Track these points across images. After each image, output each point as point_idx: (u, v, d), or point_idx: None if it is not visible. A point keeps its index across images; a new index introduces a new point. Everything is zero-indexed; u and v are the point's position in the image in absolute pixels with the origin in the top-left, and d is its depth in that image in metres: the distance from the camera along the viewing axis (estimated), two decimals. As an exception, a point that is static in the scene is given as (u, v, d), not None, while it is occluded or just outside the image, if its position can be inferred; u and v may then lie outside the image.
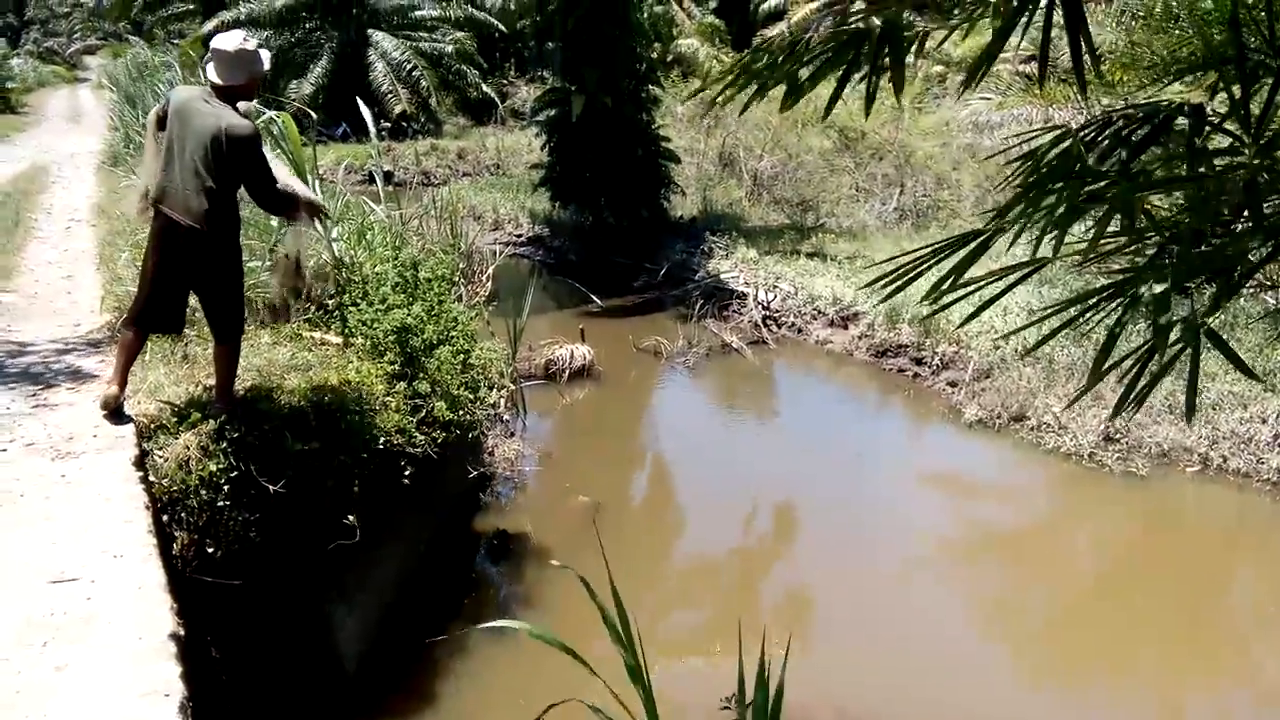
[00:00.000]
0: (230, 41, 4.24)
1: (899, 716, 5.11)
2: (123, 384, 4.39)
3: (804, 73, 2.17)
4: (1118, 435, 7.97)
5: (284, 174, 4.72)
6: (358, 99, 7.40)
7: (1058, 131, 2.23)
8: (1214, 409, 8.02)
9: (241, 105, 4.33)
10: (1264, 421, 7.89)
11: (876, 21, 2.06)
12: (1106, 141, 2.27)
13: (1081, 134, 2.27)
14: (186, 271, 4.32)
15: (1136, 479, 7.62)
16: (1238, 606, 6.67)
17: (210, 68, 4.26)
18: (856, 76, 2.16)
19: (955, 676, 5.38)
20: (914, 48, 2.18)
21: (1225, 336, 2.18)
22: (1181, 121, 2.21)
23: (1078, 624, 6.14)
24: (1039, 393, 8.64)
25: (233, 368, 4.55)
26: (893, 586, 6.30)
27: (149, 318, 4.38)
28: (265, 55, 4.38)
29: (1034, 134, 2.40)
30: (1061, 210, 1.93)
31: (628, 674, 3.18)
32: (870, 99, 2.21)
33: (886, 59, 2.10)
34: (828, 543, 7.08)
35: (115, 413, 4.34)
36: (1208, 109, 2.22)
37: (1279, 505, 7.29)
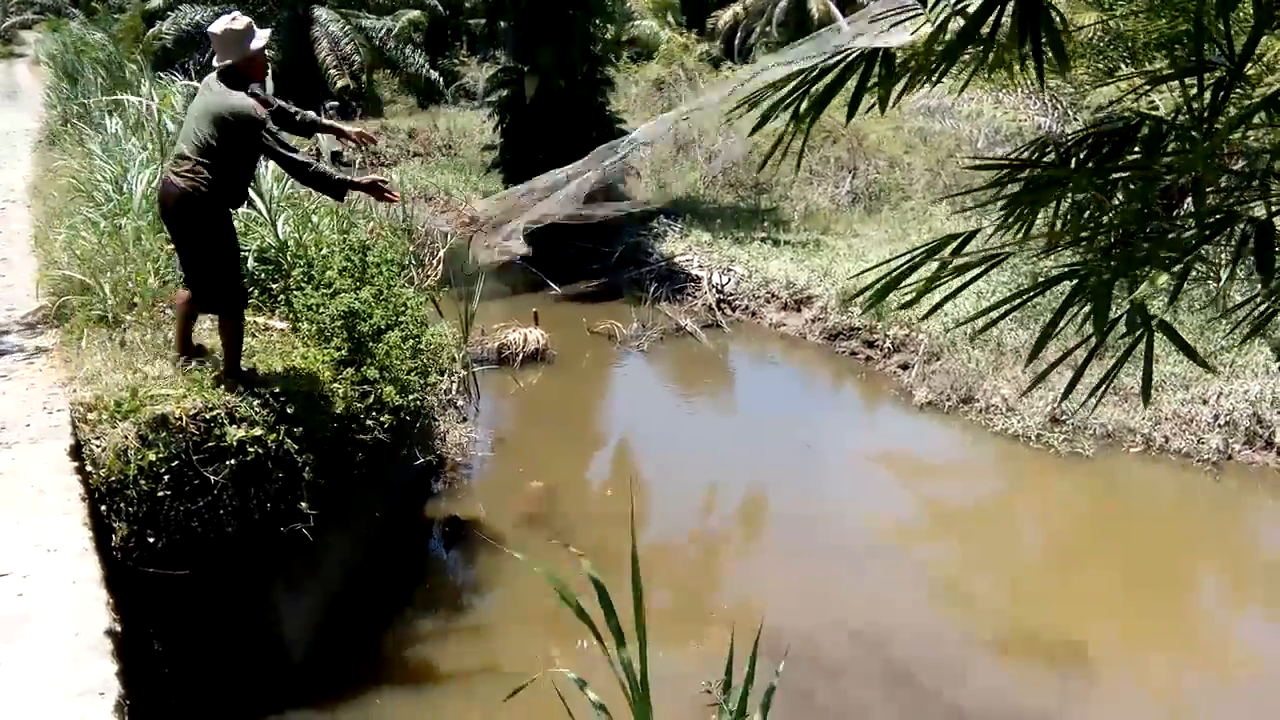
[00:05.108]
0: (218, 25, 4.32)
1: (861, 695, 5.16)
2: (186, 349, 4.74)
3: (817, 88, 2.48)
4: (1064, 416, 8.10)
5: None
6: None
7: (1041, 140, 2.53)
8: (1157, 390, 8.16)
9: (254, 88, 4.40)
10: (1205, 403, 8.07)
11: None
12: (1085, 151, 2.45)
13: (1062, 145, 2.50)
14: (174, 234, 4.51)
15: (1082, 459, 7.77)
16: (1179, 580, 6.81)
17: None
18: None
19: (914, 651, 5.45)
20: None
21: (1169, 320, 2.23)
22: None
23: (1028, 598, 6.24)
24: (987, 375, 8.76)
25: (233, 340, 4.60)
26: (849, 566, 6.34)
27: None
28: (261, 34, 4.38)
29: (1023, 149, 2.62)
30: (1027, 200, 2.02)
31: (620, 662, 3.18)
32: (853, 109, 2.56)
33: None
34: (781, 525, 7.11)
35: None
36: (1166, 114, 2.36)
37: (1220, 484, 7.47)
